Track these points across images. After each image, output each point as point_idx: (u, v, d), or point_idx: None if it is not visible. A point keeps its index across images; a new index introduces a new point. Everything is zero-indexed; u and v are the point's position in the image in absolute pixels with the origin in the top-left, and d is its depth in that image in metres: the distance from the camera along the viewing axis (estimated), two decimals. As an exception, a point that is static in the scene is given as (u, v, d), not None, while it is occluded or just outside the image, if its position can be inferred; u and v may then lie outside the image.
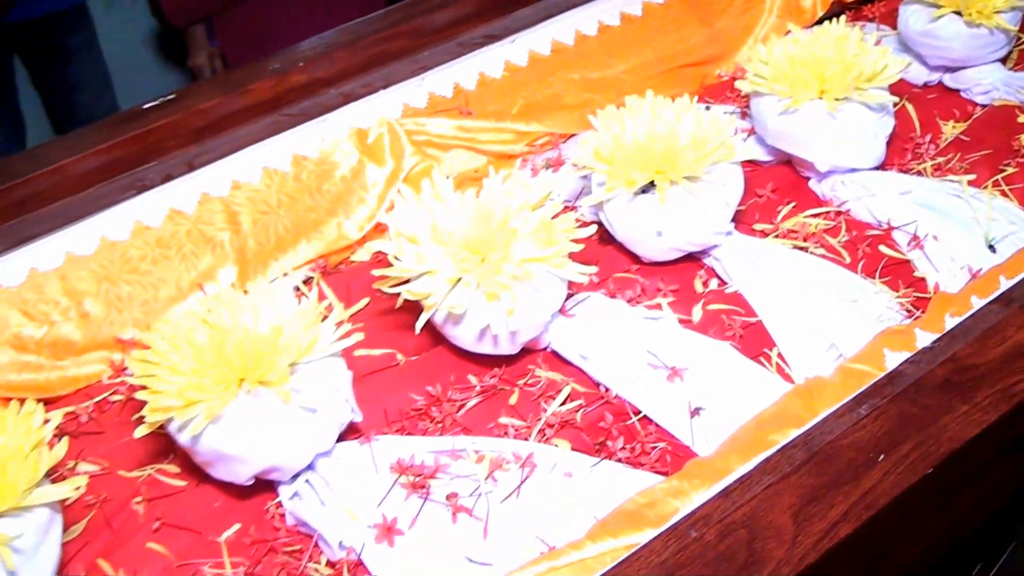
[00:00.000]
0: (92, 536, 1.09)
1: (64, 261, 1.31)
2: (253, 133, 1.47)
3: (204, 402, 1.04)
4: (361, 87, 1.57)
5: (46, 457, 1.00)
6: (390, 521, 1.07)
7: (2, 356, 1.23)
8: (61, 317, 1.27)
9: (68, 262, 1.31)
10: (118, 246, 1.34)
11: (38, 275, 1.29)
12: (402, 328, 1.28)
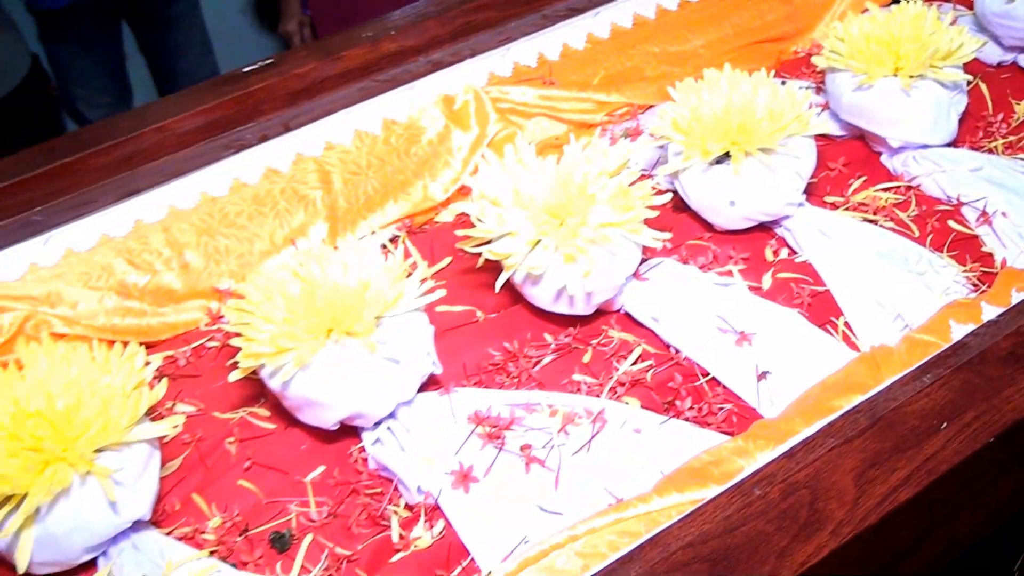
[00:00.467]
0: (187, 472, 1.10)
1: (167, 214, 1.32)
2: (346, 97, 1.47)
3: (294, 350, 1.05)
4: (449, 55, 1.56)
5: (147, 396, 1.01)
6: (466, 469, 1.07)
7: (107, 301, 1.24)
8: (163, 267, 1.28)
9: (171, 215, 1.32)
10: (217, 201, 1.35)
11: (143, 226, 1.31)
12: (482, 287, 1.27)
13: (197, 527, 1.04)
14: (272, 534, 1.03)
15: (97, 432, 0.97)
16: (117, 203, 1.31)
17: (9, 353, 1.17)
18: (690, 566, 0.92)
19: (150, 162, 1.34)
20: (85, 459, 0.96)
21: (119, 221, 1.30)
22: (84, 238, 1.28)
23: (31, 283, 1.23)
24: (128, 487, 0.98)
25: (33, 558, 0.96)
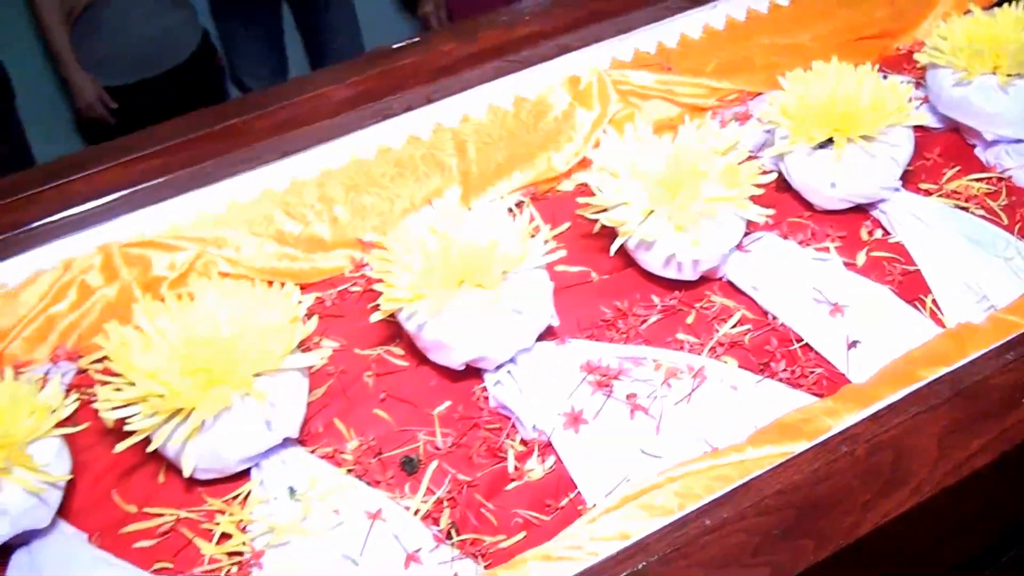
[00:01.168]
0: (330, 400, 1.13)
1: (320, 173, 1.35)
2: (482, 75, 1.48)
3: (429, 297, 1.07)
4: (576, 40, 1.56)
5: (299, 330, 1.05)
6: (577, 411, 1.08)
7: (266, 247, 1.28)
8: (315, 218, 1.31)
9: (323, 174, 1.35)
10: (365, 163, 1.37)
11: (298, 183, 1.34)
12: (597, 250, 1.28)
13: (337, 448, 1.07)
14: (402, 458, 1.06)
15: (256, 359, 1.00)
16: (276, 161, 1.35)
17: (183, 287, 1.22)
18: (780, 511, 0.92)
19: (306, 126, 1.37)
20: (245, 382, 0.99)
21: (278, 177, 1.34)
22: (247, 190, 1.32)
23: (201, 227, 1.28)
24: (280, 408, 1.02)
25: (196, 465, 1.00)
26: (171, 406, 0.98)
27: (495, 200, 1.39)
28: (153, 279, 1.23)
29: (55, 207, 1.26)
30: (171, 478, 1.05)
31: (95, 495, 1.03)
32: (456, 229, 1.12)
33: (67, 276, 1.21)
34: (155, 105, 2.53)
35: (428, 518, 1.02)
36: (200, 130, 1.34)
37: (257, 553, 0.98)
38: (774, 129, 1.35)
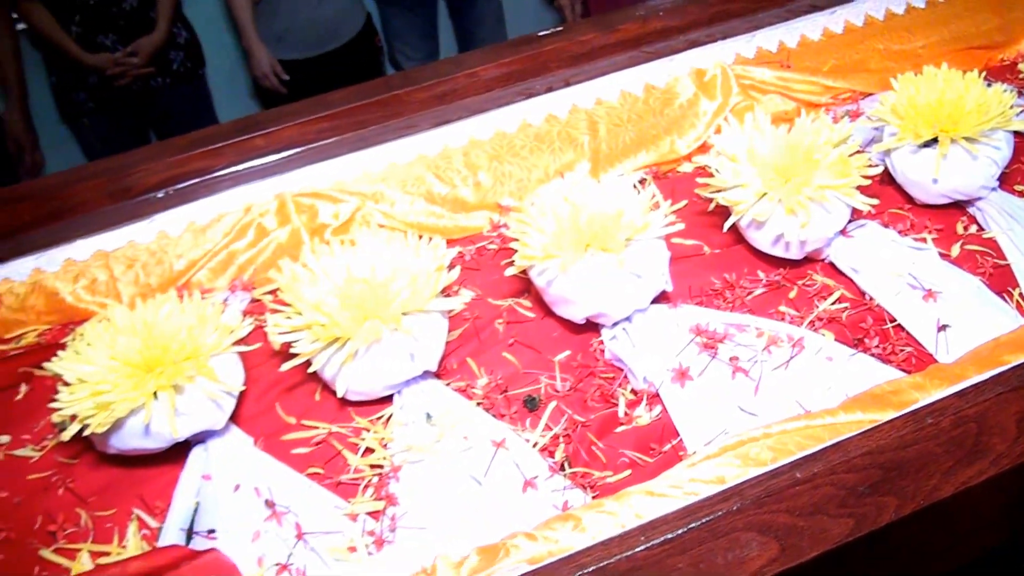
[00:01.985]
0: (464, 342, 1.15)
1: (467, 142, 1.37)
2: (616, 63, 1.47)
3: (559, 257, 1.08)
4: (704, 36, 1.54)
5: (444, 278, 1.07)
6: (684, 368, 1.08)
7: (418, 204, 1.31)
8: (461, 182, 1.33)
9: (470, 143, 1.37)
10: (507, 136, 1.38)
11: (449, 150, 1.36)
12: (710, 227, 1.27)
13: (468, 383, 1.09)
14: (526, 397, 1.08)
15: (406, 300, 1.03)
16: (431, 129, 1.37)
17: (344, 234, 1.25)
18: (866, 470, 0.91)
19: (459, 100, 1.39)
20: (395, 319, 1.02)
21: (431, 143, 1.36)
22: (404, 154, 1.35)
23: (363, 183, 1.31)
24: (423, 344, 1.04)
25: (348, 387, 1.03)
26: (331, 335, 1.01)
27: (621, 176, 1.38)
28: (319, 225, 1.26)
29: (238, 158, 1.31)
30: (326, 397, 1.08)
31: (261, 406, 1.07)
32: (586, 198, 1.13)
33: (247, 218, 1.26)
34: (320, 79, 2.59)
35: (545, 451, 1.04)
36: (367, 99, 1.36)
37: (396, 467, 1.00)
38: (883, 127, 1.32)
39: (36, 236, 1.24)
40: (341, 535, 0.96)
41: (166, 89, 2.60)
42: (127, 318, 1.01)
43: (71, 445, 1.04)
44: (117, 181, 1.26)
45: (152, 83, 2.57)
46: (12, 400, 1.13)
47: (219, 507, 0.97)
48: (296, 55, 2.67)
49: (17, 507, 1.01)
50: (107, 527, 0.98)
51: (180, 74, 2.62)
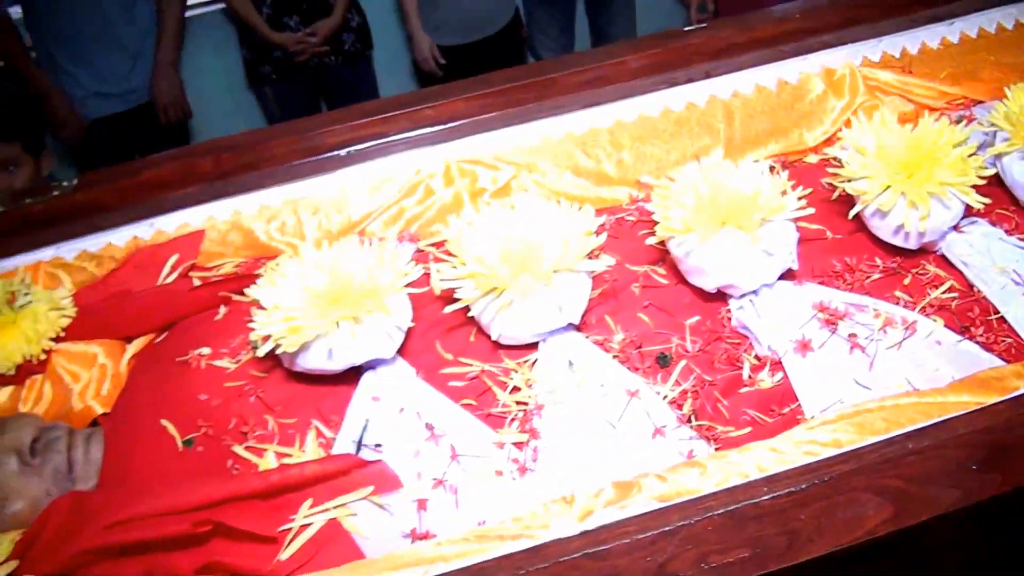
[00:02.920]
0: (603, 301, 1.13)
1: (613, 123, 1.35)
2: (753, 59, 1.43)
3: (698, 231, 1.06)
4: (834, 39, 1.48)
5: (592, 242, 1.06)
6: (806, 340, 1.05)
7: (566, 176, 1.29)
8: (605, 159, 1.31)
9: (616, 124, 1.34)
10: (650, 120, 1.35)
11: (595, 129, 1.34)
12: (833, 214, 1.22)
13: (606, 338, 1.08)
14: (659, 354, 1.06)
15: (556, 259, 1.02)
16: (580, 110, 1.35)
17: (499, 198, 1.25)
18: (973, 447, 0.88)
19: (608, 85, 1.36)
20: (546, 275, 1.01)
21: (580, 123, 1.34)
22: (555, 130, 1.33)
23: (518, 154, 1.30)
24: (569, 299, 1.03)
25: (501, 332, 1.03)
26: (489, 285, 1.01)
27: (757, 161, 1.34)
28: (478, 189, 1.27)
29: (410, 126, 1.32)
30: (479, 339, 1.08)
31: (424, 342, 1.08)
32: (725, 179, 1.10)
33: (416, 179, 1.27)
34: (472, 64, 2.60)
35: (673, 403, 1.02)
36: (525, 79, 1.35)
37: (539, 406, 1.00)
38: (995, 132, 1.25)
39: (237, 182, 1.27)
40: (489, 460, 0.97)
41: (338, 66, 2.65)
42: (316, 256, 1.03)
43: (263, 361, 1.07)
44: (306, 140, 1.29)
45: (326, 61, 2.63)
46: (212, 319, 1.17)
47: (385, 425, 0.99)
48: (453, 41, 2.68)
49: (215, 408, 1.04)
50: (289, 433, 1.01)
51: (350, 54, 2.66)
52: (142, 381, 1.14)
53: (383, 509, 0.93)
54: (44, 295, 1.22)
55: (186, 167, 1.27)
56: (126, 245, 1.27)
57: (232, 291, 1.19)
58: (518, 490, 0.95)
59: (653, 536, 0.81)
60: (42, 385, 1.20)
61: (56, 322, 1.20)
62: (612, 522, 0.84)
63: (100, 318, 1.20)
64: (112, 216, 1.28)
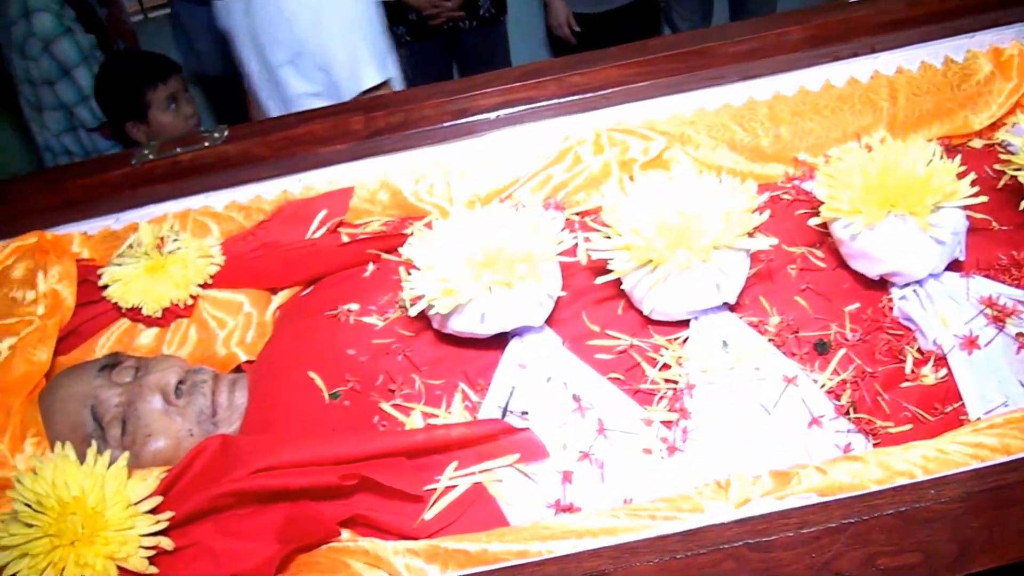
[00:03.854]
0: (758, 281, 1.07)
1: (772, 96, 1.28)
2: (921, 35, 1.33)
3: (863, 214, 1.00)
4: (1003, 16, 1.36)
5: (754, 218, 1.00)
6: (973, 337, 0.98)
7: (720, 149, 1.23)
8: (763, 133, 1.25)
9: (775, 98, 1.28)
10: (810, 95, 1.28)
11: (754, 102, 1.27)
12: (999, 203, 1.13)
13: (760, 319, 1.03)
14: (817, 340, 1.01)
15: (717, 234, 0.98)
16: (739, 82, 1.29)
17: (651, 170, 1.21)
18: None
19: (768, 57, 1.30)
20: (706, 251, 0.97)
21: (738, 95, 1.28)
22: (711, 101, 1.28)
23: (672, 124, 1.25)
24: (727, 278, 0.99)
25: (653, 307, 1.00)
26: (645, 257, 0.97)
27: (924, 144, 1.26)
28: (629, 160, 1.22)
29: (560, 92, 1.28)
30: (628, 312, 1.05)
31: (571, 312, 1.05)
32: (895, 159, 1.03)
33: (564, 145, 1.23)
34: (606, 32, 2.54)
35: (831, 393, 0.97)
36: (682, 48, 1.30)
37: (690, 385, 0.97)
38: None
39: (387, 141, 1.26)
40: (637, 437, 0.94)
41: (471, 31, 2.64)
42: (470, 219, 1.02)
43: (411, 321, 1.06)
44: (457, 102, 1.27)
45: (460, 25, 2.61)
46: (360, 275, 1.17)
47: (532, 393, 0.97)
48: (588, 9, 2.63)
49: (362, 364, 1.04)
50: (436, 394, 1.00)
51: (485, 19, 2.64)
52: (289, 332, 1.15)
53: (528, 478, 0.91)
54: (193, 242, 1.24)
55: (337, 124, 1.26)
56: (275, 198, 1.28)
57: (380, 249, 1.18)
58: (666, 470, 0.92)
59: (818, 531, 0.77)
60: (187, 329, 1.23)
61: (204, 269, 1.22)
62: (773, 512, 0.80)
63: (247, 268, 1.22)
64: (262, 168, 1.29)
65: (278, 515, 0.92)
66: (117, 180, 1.35)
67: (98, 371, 1.11)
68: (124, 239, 1.29)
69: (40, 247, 1.27)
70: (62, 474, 0.91)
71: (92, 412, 1.07)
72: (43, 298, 1.20)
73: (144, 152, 1.34)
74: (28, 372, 1.11)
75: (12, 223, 1.35)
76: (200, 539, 0.92)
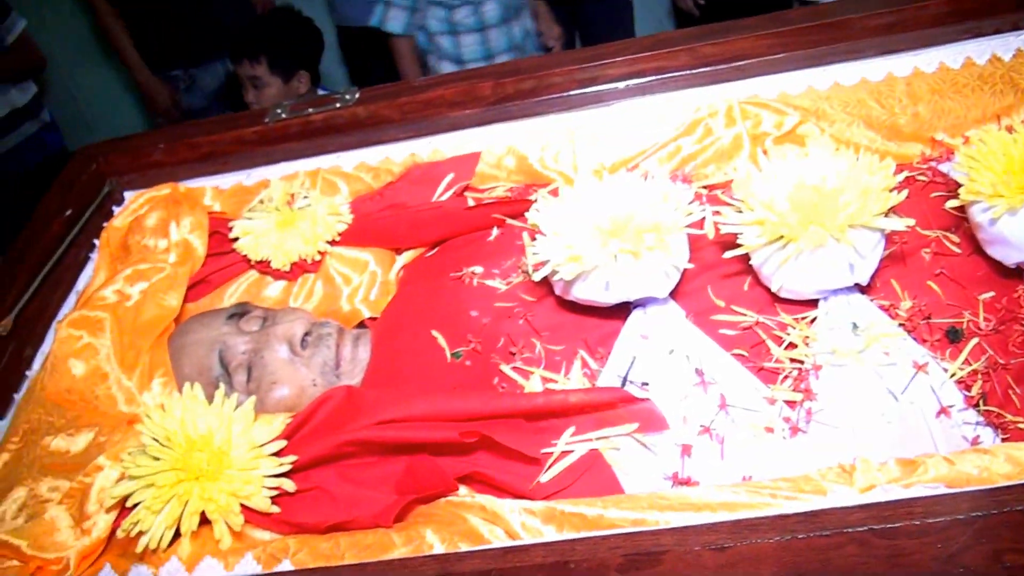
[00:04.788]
0: (890, 263, 1.02)
1: (911, 72, 1.22)
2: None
3: (1005, 198, 0.95)
4: None
5: (892, 197, 0.97)
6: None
7: (855, 126, 1.18)
8: (900, 111, 1.20)
9: (914, 74, 1.22)
10: (950, 72, 1.21)
11: (892, 78, 1.22)
12: None
13: (892, 303, 0.99)
14: (949, 327, 0.97)
15: (853, 212, 0.95)
16: (877, 56, 1.24)
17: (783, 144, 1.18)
18: None
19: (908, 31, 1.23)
20: (841, 229, 0.94)
21: (876, 70, 1.23)
22: (848, 76, 1.23)
23: (806, 99, 1.21)
24: (861, 258, 0.96)
25: (783, 284, 0.98)
26: (777, 233, 0.95)
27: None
28: (761, 134, 1.19)
29: (692, 63, 1.26)
30: (754, 288, 1.03)
31: (695, 285, 1.04)
32: (1046, 144, 0.98)
33: (694, 117, 1.21)
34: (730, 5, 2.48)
35: (961, 384, 0.93)
36: (815, 20, 1.26)
37: (816, 366, 0.95)
38: None
39: (515, 107, 1.27)
40: (760, 415, 0.93)
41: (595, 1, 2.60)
42: (597, 187, 1.01)
43: (535, 286, 1.07)
44: (586, 71, 1.26)
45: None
46: (484, 239, 1.18)
47: (653, 365, 0.97)
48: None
49: (485, 326, 1.06)
50: (556, 360, 1.00)
51: (609, -11, 2.62)
52: (413, 292, 1.17)
53: (647, 448, 0.91)
54: (323, 200, 1.28)
55: (467, 89, 1.27)
56: (403, 160, 1.30)
57: (505, 214, 1.19)
58: (788, 450, 0.91)
59: (944, 523, 0.75)
60: (313, 284, 1.26)
61: (332, 226, 1.25)
62: (899, 500, 0.78)
63: (374, 227, 1.24)
64: (391, 131, 1.32)
65: (398, 467, 0.94)
66: (250, 137, 1.40)
67: (227, 319, 1.15)
68: (255, 194, 1.34)
69: (174, 198, 1.32)
70: (191, 413, 0.95)
71: (220, 357, 1.11)
72: (175, 247, 1.26)
73: (277, 111, 1.38)
74: (158, 315, 1.16)
75: (148, 174, 1.42)
76: (321, 484, 0.95)
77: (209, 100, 3.03)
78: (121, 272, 1.19)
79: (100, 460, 0.97)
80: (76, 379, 1.08)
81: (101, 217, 1.37)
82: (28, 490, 0.98)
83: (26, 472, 1.00)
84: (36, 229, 1.33)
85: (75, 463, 0.99)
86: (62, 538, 0.93)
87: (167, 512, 0.91)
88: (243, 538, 0.93)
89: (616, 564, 0.75)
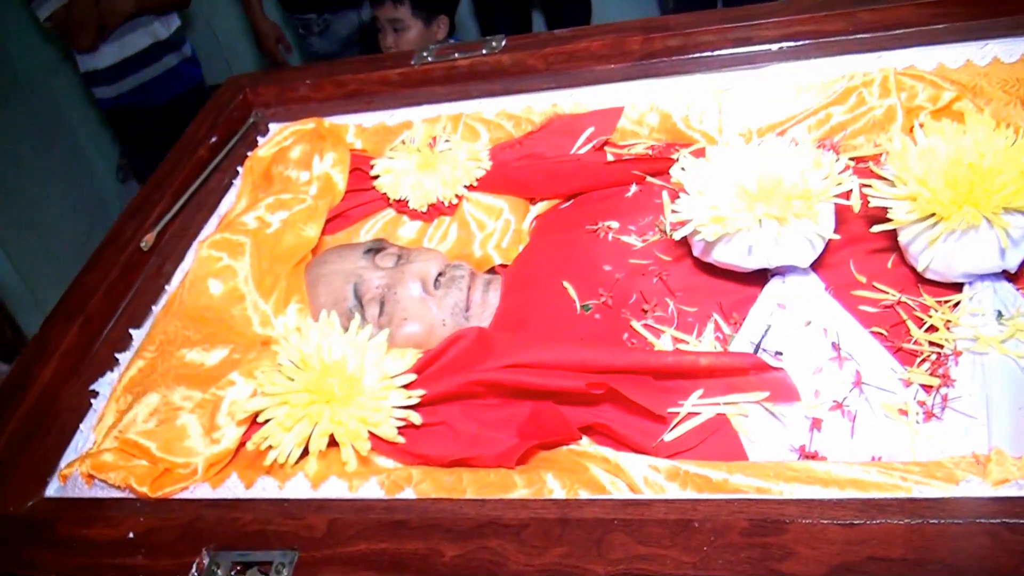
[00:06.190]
0: None
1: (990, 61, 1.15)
2: None
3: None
4: None
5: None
6: None
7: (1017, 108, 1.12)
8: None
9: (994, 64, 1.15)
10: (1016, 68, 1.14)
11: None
12: None
13: (1044, 292, 0.95)
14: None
15: (1009, 194, 0.90)
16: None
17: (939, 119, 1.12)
18: None
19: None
20: (995, 210, 0.90)
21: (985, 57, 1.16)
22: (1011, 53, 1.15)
23: (964, 74, 1.15)
24: (1015, 244, 0.91)
25: (930, 264, 0.94)
26: (929, 210, 0.91)
27: None
28: (915, 107, 1.14)
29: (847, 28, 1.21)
30: (897, 267, 0.99)
31: (837, 258, 1.00)
32: None
33: (848, 84, 1.16)
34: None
35: (1109, 384, 0.88)
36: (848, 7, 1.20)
37: (956, 352, 0.91)
38: None
39: (662, 63, 1.24)
40: (895, 396, 0.90)
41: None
42: (746, 149, 0.99)
43: (672, 246, 1.06)
44: (738, 31, 1.22)
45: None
46: (622, 195, 1.18)
47: (788, 335, 0.95)
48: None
49: (617, 281, 1.05)
50: (688, 321, 1.00)
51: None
52: (547, 242, 1.18)
53: (776, 418, 0.90)
54: (463, 144, 1.29)
55: (615, 42, 1.25)
56: (545, 111, 1.29)
57: (645, 172, 1.18)
58: (920, 435, 0.88)
59: (1085, 523, 0.72)
60: (448, 227, 1.28)
61: (471, 171, 1.26)
62: (1031, 496, 0.75)
63: (512, 175, 1.25)
64: (535, 80, 1.31)
65: (523, 411, 0.95)
66: (395, 78, 1.41)
67: (363, 253, 1.18)
68: (397, 135, 1.36)
69: (318, 133, 1.35)
70: (327, 338, 0.98)
71: (354, 289, 1.14)
72: (316, 180, 1.29)
73: (423, 54, 1.39)
74: (296, 244, 1.19)
75: (293, 108, 1.46)
76: (447, 420, 0.97)
77: (339, 46, 3.08)
78: (263, 200, 1.23)
79: (233, 375, 1.01)
80: (214, 298, 1.11)
81: (245, 146, 1.42)
82: (161, 396, 1.02)
83: (160, 380, 1.04)
84: (182, 152, 1.38)
85: (209, 376, 1.03)
86: (192, 444, 0.97)
87: (298, 431, 0.94)
88: (368, 463, 0.95)
89: (740, 527, 0.75)
